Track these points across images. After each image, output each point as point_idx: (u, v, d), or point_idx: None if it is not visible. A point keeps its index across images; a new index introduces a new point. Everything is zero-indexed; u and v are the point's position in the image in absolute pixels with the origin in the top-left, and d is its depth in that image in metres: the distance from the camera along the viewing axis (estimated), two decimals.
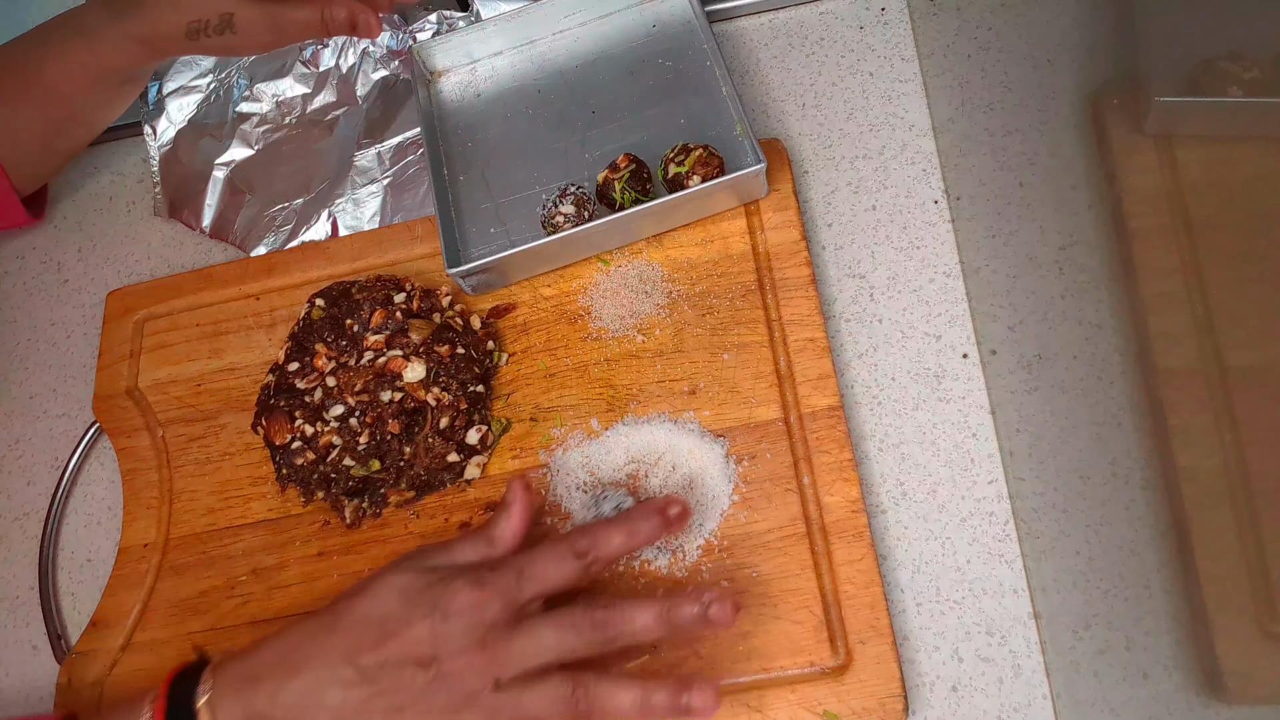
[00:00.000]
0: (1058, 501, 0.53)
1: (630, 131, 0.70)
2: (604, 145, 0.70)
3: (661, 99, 0.71)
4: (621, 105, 0.71)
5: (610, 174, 0.65)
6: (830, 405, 0.59)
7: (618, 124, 0.71)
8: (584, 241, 0.65)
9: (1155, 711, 0.44)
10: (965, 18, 0.69)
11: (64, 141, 0.72)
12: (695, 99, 0.70)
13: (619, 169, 0.65)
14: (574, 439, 0.61)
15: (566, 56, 0.74)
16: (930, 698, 0.54)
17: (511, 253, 0.63)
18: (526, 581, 0.50)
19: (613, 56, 0.73)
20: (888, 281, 0.64)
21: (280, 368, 0.64)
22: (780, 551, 0.56)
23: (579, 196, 0.64)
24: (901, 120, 0.69)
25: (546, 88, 0.74)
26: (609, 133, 0.70)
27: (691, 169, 0.63)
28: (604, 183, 0.65)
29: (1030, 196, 0.56)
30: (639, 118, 0.70)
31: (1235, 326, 0.37)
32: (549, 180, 0.69)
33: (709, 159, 0.63)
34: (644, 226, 0.65)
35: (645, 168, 0.65)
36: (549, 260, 0.66)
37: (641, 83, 0.72)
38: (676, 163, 0.64)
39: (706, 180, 0.62)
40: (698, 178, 0.63)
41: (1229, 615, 0.37)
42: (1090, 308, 0.48)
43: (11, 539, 0.70)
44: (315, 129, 0.77)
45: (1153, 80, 0.44)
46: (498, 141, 0.73)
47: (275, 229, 0.74)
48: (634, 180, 0.64)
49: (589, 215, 0.64)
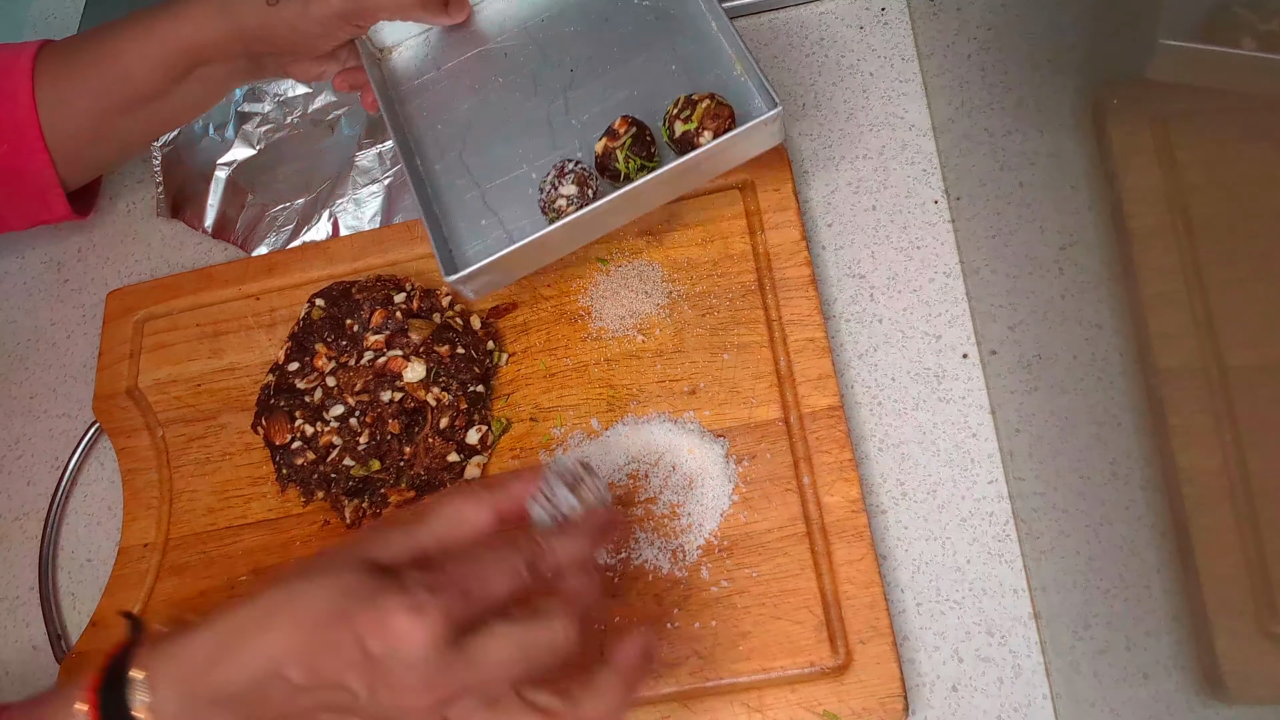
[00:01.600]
0: (1058, 501, 0.53)
1: (617, 87, 0.62)
2: (590, 107, 0.62)
3: (646, 45, 0.62)
4: (602, 58, 0.63)
5: (609, 142, 0.58)
6: (830, 405, 0.59)
7: (601, 80, 0.63)
8: (593, 224, 0.57)
9: (1155, 711, 0.44)
10: (965, 18, 0.69)
11: (122, 127, 0.67)
12: (684, 41, 0.62)
13: (618, 135, 0.58)
14: (574, 439, 0.61)
15: (530, 9, 0.66)
16: (930, 698, 0.54)
17: (513, 249, 0.56)
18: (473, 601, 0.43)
19: (582, 3, 0.65)
20: (888, 281, 0.64)
21: (280, 368, 0.64)
22: (780, 551, 0.56)
23: (579, 174, 0.58)
24: (901, 120, 0.69)
25: (513, 49, 0.65)
26: (593, 91, 0.63)
27: (700, 124, 0.56)
28: (604, 153, 0.58)
29: (1030, 196, 0.56)
30: (624, 70, 0.62)
31: (1235, 326, 0.37)
32: (537, 156, 0.62)
33: (718, 109, 0.56)
34: (656, 196, 0.59)
35: (647, 129, 0.58)
36: (556, 249, 0.59)
37: (619, 29, 0.64)
38: (682, 119, 0.57)
39: (719, 135, 0.56)
40: (709, 133, 0.56)
41: (1229, 615, 0.37)
42: (1090, 308, 0.48)
43: (11, 539, 0.70)
44: (317, 129, 0.77)
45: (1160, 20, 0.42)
46: (470, 118, 0.65)
47: (276, 229, 0.74)
48: (637, 146, 0.57)
49: (593, 193, 0.57)
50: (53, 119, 0.65)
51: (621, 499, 0.59)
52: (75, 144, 0.66)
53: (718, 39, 0.61)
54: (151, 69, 0.63)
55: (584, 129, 0.62)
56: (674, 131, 0.57)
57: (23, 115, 0.64)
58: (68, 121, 0.65)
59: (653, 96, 0.61)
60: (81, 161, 0.69)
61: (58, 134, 0.65)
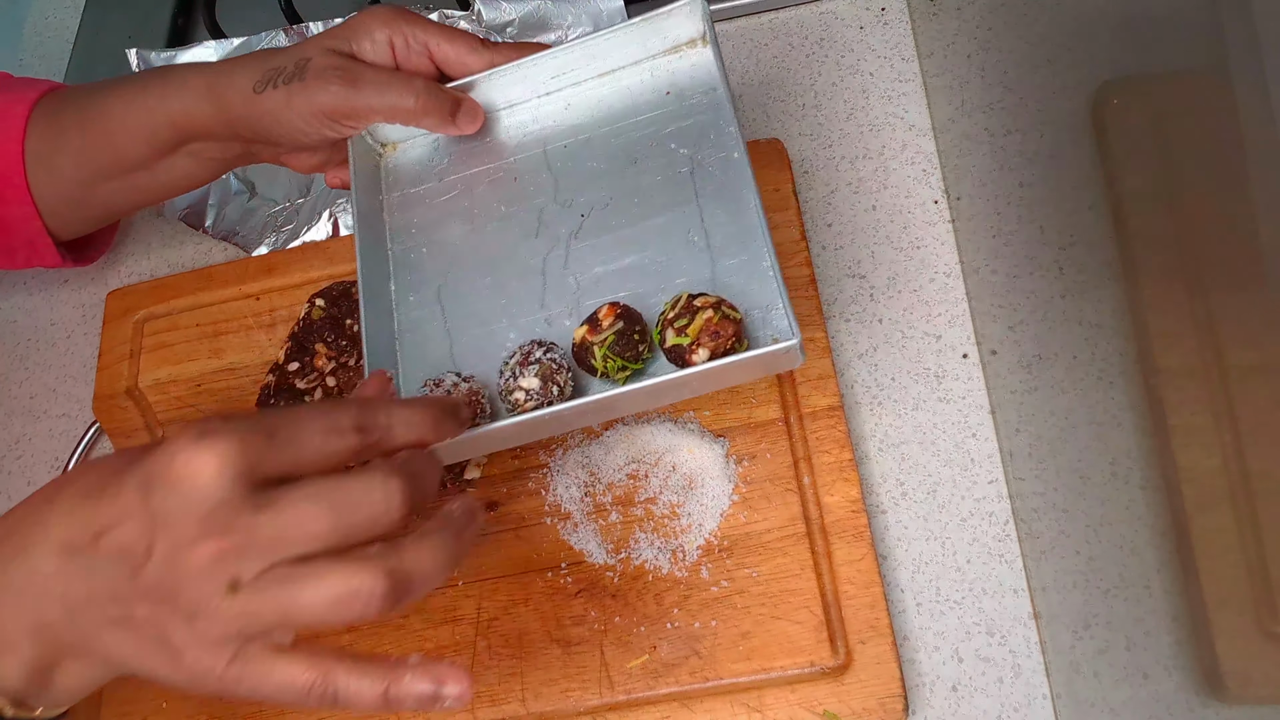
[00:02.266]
0: (1058, 501, 0.53)
1: (628, 247, 0.54)
2: (593, 265, 0.54)
3: (672, 203, 0.54)
4: (619, 208, 0.55)
5: (589, 335, 0.50)
6: (830, 405, 0.59)
7: (612, 235, 0.55)
8: (553, 424, 0.51)
9: (1155, 711, 0.44)
10: (965, 18, 0.69)
11: (105, 192, 0.63)
12: (716, 208, 0.53)
13: (600, 328, 0.50)
14: (574, 439, 0.61)
15: (553, 130, 0.58)
16: (930, 698, 0.54)
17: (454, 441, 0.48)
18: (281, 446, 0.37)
19: (612, 134, 0.57)
20: (888, 281, 0.64)
21: (280, 368, 0.64)
22: (780, 551, 0.56)
23: (546, 366, 0.50)
24: (901, 120, 0.69)
25: (525, 174, 0.57)
26: (600, 247, 0.55)
27: (696, 339, 0.48)
28: (581, 344, 0.51)
29: (1030, 196, 0.56)
30: (641, 228, 0.54)
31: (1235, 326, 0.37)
32: (521, 312, 0.55)
33: (721, 324, 0.48)
34: (631, 405, 0.52)
35: (637, 324, 0.51)
36: (505, 440, 0.53)
37: (646, 177, 0.55)
38: (676, 329, 0.49)
39: (716, 356, 0.48)
40: (704, 351, 0.48)
41: (1229, 615, 0.37)
42: (1090, 308, 0.48)
43: None
44: None
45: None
46: (460, 248, 0.57)
47: (276, 229, 0.74)
48: (621, 345, 0.50)
49: (559, 390, 0.50)
50: (38, 174, 0.62)
51: (621, 499, 0.59)
52: (58, 203, 0.64)
53: (753, 216, 0.52)
54: (136, 140, 0.60)
55: (579, 291, 0.54)
56: (665, 339, 0.50)
57: (10, 165, 0.62)
58: (52, 179, 0.63)
59: (665, 268, 0.53)
60: (66, 219, 0.66)
61: (42, 190, 0.63)
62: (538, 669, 0.57)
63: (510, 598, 0.59)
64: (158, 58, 0.78)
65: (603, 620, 0.57)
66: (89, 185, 0.63)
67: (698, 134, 0.55)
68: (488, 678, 0.57)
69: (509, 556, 0.60)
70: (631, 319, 0.50)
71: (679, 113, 0.56)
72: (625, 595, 0.57)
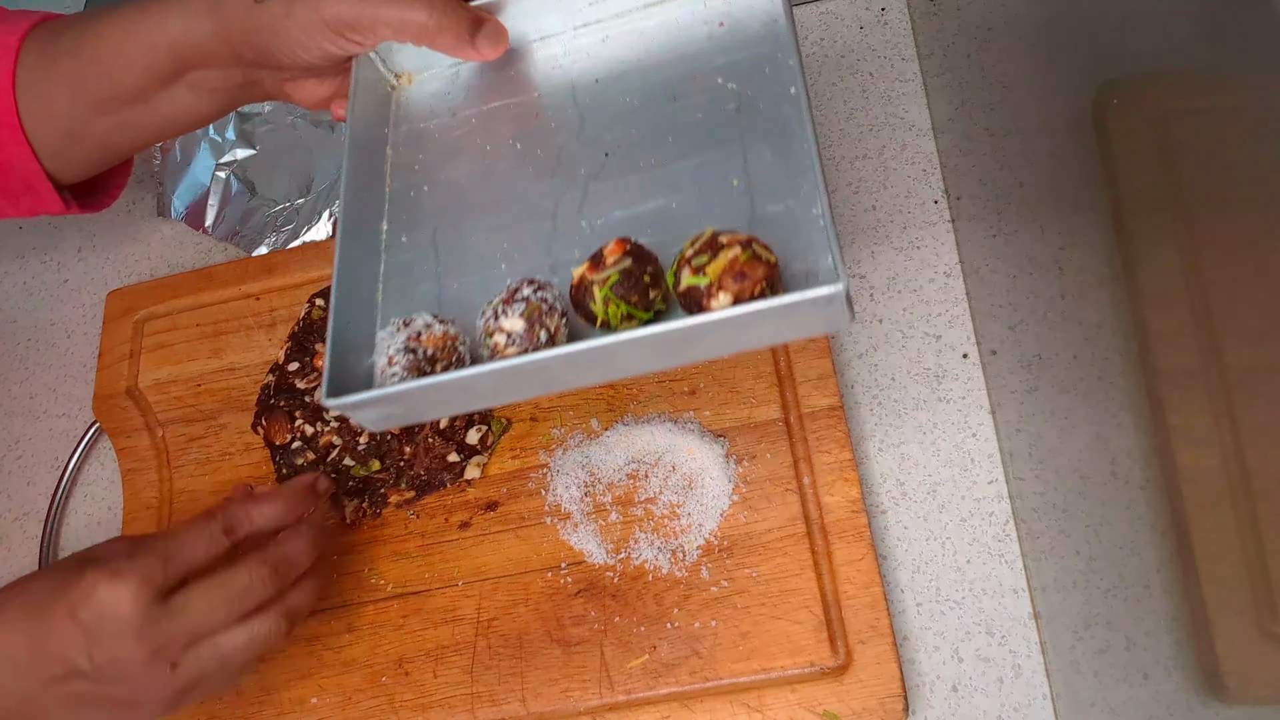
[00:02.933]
0: (1058, 501, 0.53)
1: (655, 191, 0.47)
2: (612, 208, 0.47)
3: (711, 143, 0.47)
4: (649, 146, 0.48)
5: (590, 272, 0.43)
6: (830, 405, 0.59)
7: (638, 175, 0.48)
8: (535, 376, 0.43)
9: (1155, 711, 0.44)
10: (965, 18, 0.68)
11: (102, 127, 0.59)
12: (762, 149, 0.46)
13: (603, 264, 0.42)
14: (574, 439, 0.61)
15: (585, 63, 0.51)
16: (930, 698, 0.54)
17: (413, 385, 0.42)
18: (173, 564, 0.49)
19: (652, 68, 0.50)
20: (888, 281, 0.64)
21: (280, 368, 0.64)
22: (780, 551, 0.56)
23: (534, 306, 0.43)
24: (901, 120, 0.69)
25: (548, 110, 0.51)
26: (623, 187, 0.48)
27: (717, 280, 0.40)
28: (579, 284, 0.43)
29: (1030, 196, 0.56)
30: (672, 170, 0.47)
31: (1235, 326, 0.37)
32: (522, 258, 0.48)
33: (748, 265, 0.40)
34: (637, 362, 0.44)
35: (649, 264, 0.43)
36: (483, 396, 0.45)
37: (685, 115, 0.48)
38: (694, 268, 0.41)
39: (741, 300, 0.40)
40: (727, 295, 0.40)
41: (1229, 615, 0.37)
42: (1090, 308, 0.48)
43: (11, 539, 0.70)
44: (317, 129, 0.77)
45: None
46: (464, 186, 0.51)
47: (276, 229, 0.74)
48: (626, 285, 0.42)
49: (548, 335, 0.43)
50: (31, 108, 0.58)
51: (621, 499, 0.59)
52: (55, 139, 0.60)
53: (808, 159, 0.44)
54: (134, 67, 0.56)
55: (591, 236, 0.47)
56: (679, 280, 0.42)
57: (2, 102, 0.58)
58: (46, 113, 0.59)
59: (695, 215, 0.46)
60: (65, 158, 0.61)
61: (36, 126, 0.59)
62: (538, 669, 0.57)
63: (510, 598, 0.59)
64: None
65: (603, 620, 0.57)
66: (85, 119, 0.59)
67: (750, 68, 0.48)
68: (488, 678, 0.57)
69: (509, 556, 0.60)
70: (643, 258, 0.42)
71: (730, 45, 0.49)
72: (625, 595, 0.57)
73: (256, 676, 0.60)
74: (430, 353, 0.44)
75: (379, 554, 0.61)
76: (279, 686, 0.59)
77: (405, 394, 0.43)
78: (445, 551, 0.61)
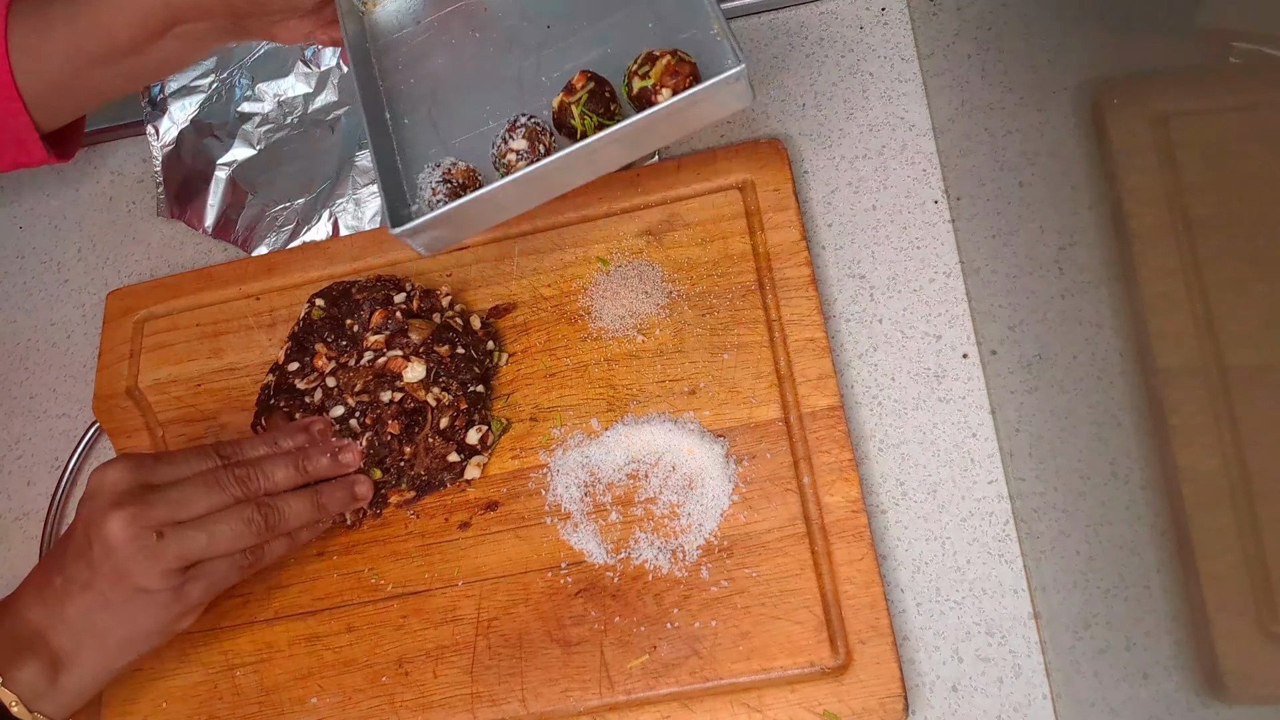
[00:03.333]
0: (1058, 501, 0.53)
1: (591, 45, 0.61)
2: (562, 64, 0.61)
3: (625, 3, 0.61)
4: (580, 14, 0.62)
5: (565, 97, 0.57)
6: (830, 405, 0.59)
7: (576, 37, 0.62)
8: (543, 181, 0.56)
9: (1155, 711, 0.44)
10: (965, 18, 0.68)
11: (96, 77, 0.63)
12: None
13: (575, 90, 0.57)
14: (574, 439, 0.61)
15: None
16: (930, 698, 0.54)
17: (459, 204, 0.55)
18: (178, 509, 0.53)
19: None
20: (888, 281, 0.64)
21: (280, 368, 0.64)
22: (780, 551, 0.56)
23: (531, 128, 0.57)
24: (901, 120, 0.69)
25: (495, 3, 0.64)
26: (567, 49, 0.62)
27: (659, 81, 0.54)
28: (560, 109, 0.57)
29: (1030, 196, 0.56)
30: (600, 27, 0.61)
31: (1235, 326, 0.37)
32: (505, 113, 0.61)
33: (678, 66, 0.54)
34: (612, 156, 0.57)
35: (607, 85, 0.57)
36: (506, 207, 0.58)
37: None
38: (640, 75, 0.55)
39: (678, 92, 0.54)
40: (667, 90, 0.54)
41: (1229, 615, 0.37)
42: (1090, 308, 0.48)
43: (11, 539, 0.70)
44: (317, 129, 0.77)
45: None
46: (443, 74, 0.63)
47: (276, 229, 0.74)
48: (594, 102, 0.56)
49: (545, 149, 0.57)
50: (25, 66, 0.62)
51: (621, 499, 0.59)
52: (48, 92, 0.63)
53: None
54: (129, 24, 0.60)
55: (553, 86, 0.61)
56: (632, 88, 0.56)
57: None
58: (40, 70, 0.62)
59: (627, 55, 0.58)
60: (55, 109, 0.65)
61: (30, 82, 0.62)
62: (538, 669, 0.57)
63: (510, 598, 0.59)
64: None
65: (603, 620, 0.57)
66: (79, 74, 0.62)
67: None
68: (488, 678, 0.57)
69: (509, 556, 0.60)
70: (601, 82, 0.57)
71: None
72: (625, 595, 0.57)
73: (257, 677, 0.60)
74: (461, 181, 0.58)
75: (379, 554, 0.61)
76: (279, 686, 0.59)
77: (452, 213, 0.55)
78: (445, 551, 0.61)
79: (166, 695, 0.61)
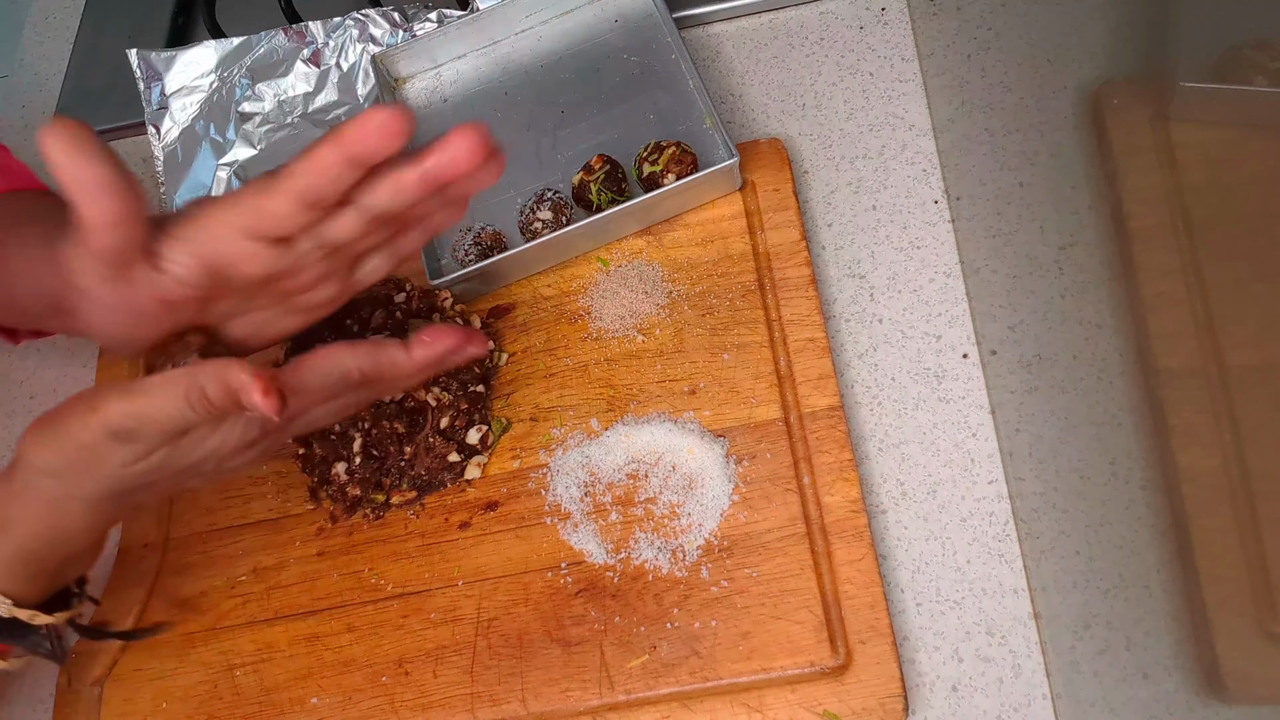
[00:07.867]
0: (1058, 501, 0.53)
1: (600, 129, 0.70)
2: (575, 144, 0.70)
3: (629, 95, 0.71)
4: (590, 103, 0.71)
5: (585, 176, 0.66)
6: (830, 405, 0.59)
7: (587, 122, 0.71)
8: (564, 245, 0.66)
9: (1155, 711, 0.44)
10: (965, 18, 0.69)
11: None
12: (663, 94, 0.70)
13: (593, 170, 0.65)
14: (574, 439, 0.61)
15: (531, 56, 0.75)
16: (930, 698, 0.54)
17: (492, 261, 0.64)
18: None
19: (577, 54, 0.74)
20: (888, 281, 0.64)
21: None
22: (780, 551, 0.56)
23: (556, 202, 0.65)
24: (901, 120, 0.69)
25: (513, 89, 0.74)
26: (579, 131, 0.71)
27: (665, 167, 0.64)
28: (579, 185, 0.66)
29: (1030, 196, 0.56)
30: (608, 115, 0.71)
31: (1235, 326, 0.37)
32: (523, 183, 0.69)
33: (682, 156, 0.64)
34: (623, 226, 0.66)
35: (619, 167, 0.66)
36: (530, 265, 0.67)
37: (608, 79, 0.72)
38: (650, 162, 0.64)
39: (681, 178, 0.63)
40: (672, 175, 0.64)
41: (1229, 615, 0.37)
42: (1090, 308, 0.49)
43: None
44: (317, 128, 0.77)
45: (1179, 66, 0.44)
46: None
47: None
48: (609, 181, 0.65)
49: (566, 219, 0.65)
50: None
51: (621, 499, 0.59)
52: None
53: (692, 95, 0.69)
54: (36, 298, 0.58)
55: (566, 164, 0.70)
56: (642, 171, 0.65)
57: None
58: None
59: (630, 140, 0.68)
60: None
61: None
62: (538, 669, 0.57)
63: (510, 598, 0.59)
64: (158, 58, 0.78)
65: (603, 620, 0.57)
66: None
67: (642, 46, 0.73)
68: (488, 678, 0.57)
69: (509, 556, 0.60)
70: (615, 164, 0.66)
71: (626, 33, 0.74)
72: (625, 595, 0.57)
73: (256, 676, 0.60)
74: (489, 244, 0.66)
75: (379, 554, 0.61)
76: (279, 686, 0.60)
77: (487, 268, 0.65)
78: (445, 551, 0.61)
79: (166, 695, 0.61)
